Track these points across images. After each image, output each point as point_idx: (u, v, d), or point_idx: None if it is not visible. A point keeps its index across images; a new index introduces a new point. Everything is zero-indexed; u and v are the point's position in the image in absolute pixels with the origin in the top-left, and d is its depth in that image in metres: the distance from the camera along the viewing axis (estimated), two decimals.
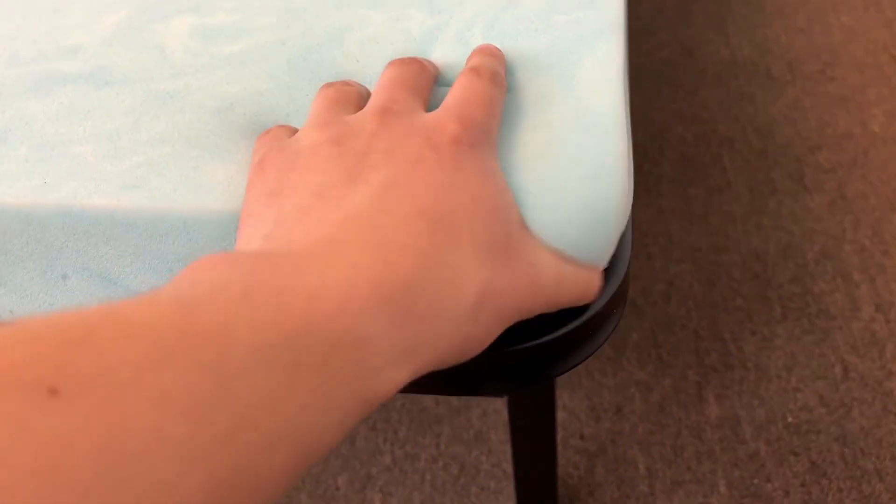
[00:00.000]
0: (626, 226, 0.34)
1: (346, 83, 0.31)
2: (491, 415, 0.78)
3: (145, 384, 0.15)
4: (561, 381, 0.80)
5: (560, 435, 0.76)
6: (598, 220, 0.29)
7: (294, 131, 0.30)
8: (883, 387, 0.78)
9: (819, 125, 1.09)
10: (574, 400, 0.79)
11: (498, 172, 0.26)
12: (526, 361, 0.32)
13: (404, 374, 0.20)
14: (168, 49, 0.39)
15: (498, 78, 0.29)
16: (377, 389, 0.19)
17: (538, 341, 0.31)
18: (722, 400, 0.78)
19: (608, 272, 0.32)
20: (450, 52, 0.35)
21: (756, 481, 0.72)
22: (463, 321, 0.22)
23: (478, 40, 0.36)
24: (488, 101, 0.28)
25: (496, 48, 0.33)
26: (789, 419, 0.76)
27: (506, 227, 0.24)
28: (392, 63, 0.30)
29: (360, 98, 0.30)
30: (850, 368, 0.80)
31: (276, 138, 0.28)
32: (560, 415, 0.78)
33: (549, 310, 0.26)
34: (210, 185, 0.31)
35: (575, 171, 0.28)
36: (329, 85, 0.31)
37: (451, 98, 0.28)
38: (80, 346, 0.15)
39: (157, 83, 0.36)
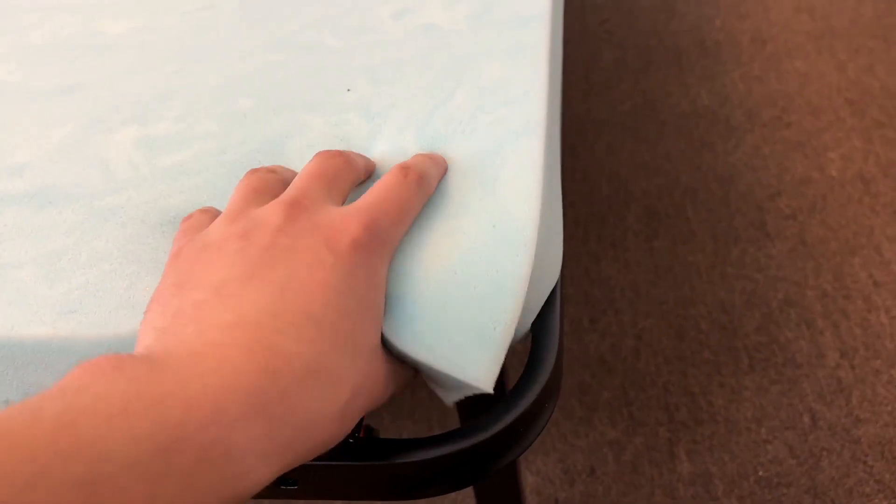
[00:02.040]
0: (554, 321, 0.35)
1: (271, 170, 0.31)
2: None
3: (20, 502, 0.16)
4: (534, 445, 0.81)
5: (535, 501, 0.76)
6: (480, 343, 0.28)
7: (216, 215, 0.30)
8: (851, 434, 0.78)
9: (778, 171, 1.11)
10: (547, 464, 0.79)
11: (384, 276, 0.27)
12: (464, 461, 0.32)
13: (270, 473, 0.21)
14: (112, 163, 0.40)
15: (423, 181, 0.30)
16: (242, 491, 0.20)
17: (473, 441, 0.32)
18: (693, 456, 0.78)
19: (533, 368, 0.33)
20: (386, 157, 0.37)
21: None
22: (332, 421, 0.23)
23: (410, 144, 0.37)
24: (402, 206, 0.29)
25: (433, 154, 0.34)
26: (760, 473, 0.76)
27: (377, 333, 0.26)
28: (317, 155, 0.31)
29: (281, 185, 0.30)
30: (818, 417, 0.80)
31: (193, 228, 0.29)
32: (534, 479, 0.78)
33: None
34: (144, 303, 0.31)
35: (472, 288, 0.29)
36: (254, 171, 0.31)
37: (368, 196, 0.28)
38: None
39: (99, 199, 0.38)
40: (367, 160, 0.34)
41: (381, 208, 0.28)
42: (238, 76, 0.45)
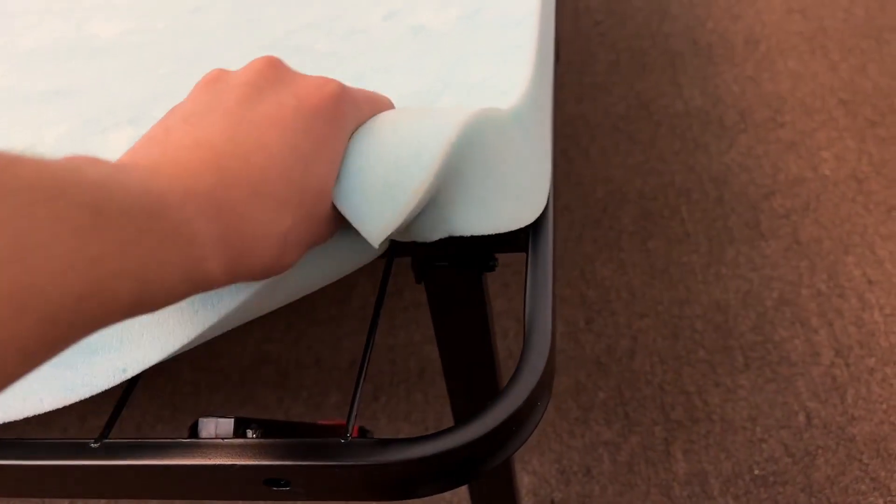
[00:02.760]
0: (549, 324, 0.35)
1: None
2: (461, 487, 0.78)
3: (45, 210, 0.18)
4: (530, 445, 0.81)
5: (531, 501, 0.76)
6: (383, 201, 0.29)
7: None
8: (846, 433, 0.79)
9: (772, 171, 1.12)
10: (544, 464, 0.79)
11: (344, 137, 0.29)
12: (456, 461, 0.33)
13: (221, 271, 0.24)
14: None
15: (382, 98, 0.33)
16: (199, 275, 0.23)
17: (465, 441, 0.32)
18: (689, 455, 0.79)
19: (525, 367, 0.33)
20: None
21: None
22: (273, 245, 0.26)
23: None
24: (375, 98, 0.32)
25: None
26: (756, 471, 0.76)
27: (327, 180, 0.28)
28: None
29: None
30: (812, 415, 0.80)
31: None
32: (530, 480, 0.78)
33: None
34: None
35: (395, 150, 0.30)
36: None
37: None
38: None
39: None
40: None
41: (357, 90, 0.31)
42: None
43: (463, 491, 0.77)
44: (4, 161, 0.18)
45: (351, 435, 0.32)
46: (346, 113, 0.29)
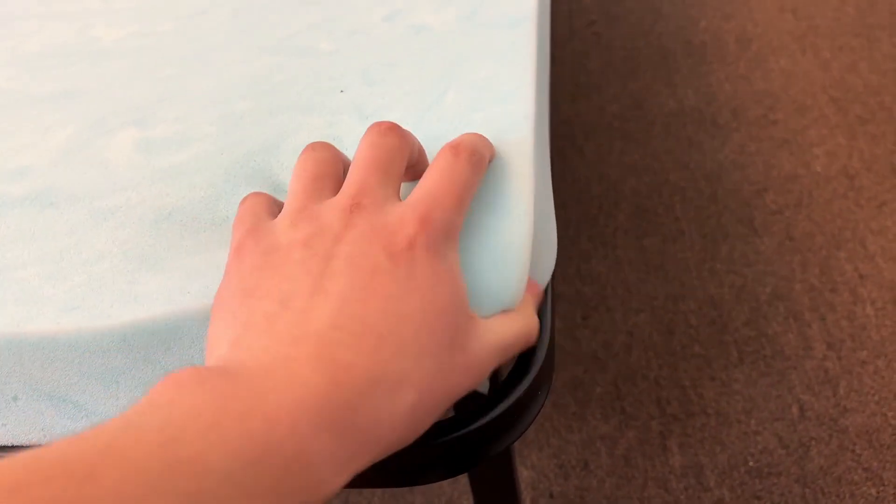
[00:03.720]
0: (544, 315, 0.36)
1: (326, 147, 0.31)
2: (461, 480, 0.79)
3: None
4: (528, 440, 0.82)
5: (530, 495, 0.77)
6: (504, 274, 0.30)
7: (271, 203, 0.31)
8: (838, 424, 0.80)
9: (765, 168, 1.13)
10: (542, 458, 0.80)
11: (452, 268, 0.27)
12: (459, 449, 0.34)
13: (345, 477, 0.23)
14: (112, 164, 0.41)
15: (475, 157, 0.30)
16: (321, 496, 0.22)
17: (468, 429, 0.33)
18: (685, 448, 0.80)
19: (526, 357, 0.34)
20: None
21: None
22: (400, 423, 0.24)
23: None
24: (459, 187, 0.28)
25: (480, 134, 0.33)
26: (750, 463, 0.78)
27: (452, 325, 0.26)
28: (369, 131, 0.30)
29: (340, 164, 0.30)
30: (806, 408, 0.82)
31: (254, 217, 0.29)
32: (529, 474, 0.79)
33: (500, 362, 0.29)
34: (145, 296, 0.32)
35: (483, 249, 0.31)
36: (311, 149, 0.31)
37: (421, 187, 0.28)
38: (84, 482, 0.17)
39: (100, 199, 0.38)
40: (411, 135, 0.33)
41: (435, 198, 0.27)
42: (234, 80, 0.46)
43: (464, 485, 0.78)
44: (91, 459, 0.18)
45: None
46: (438, 241, 0.27)
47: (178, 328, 0.32)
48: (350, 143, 0.39)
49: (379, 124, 0.30)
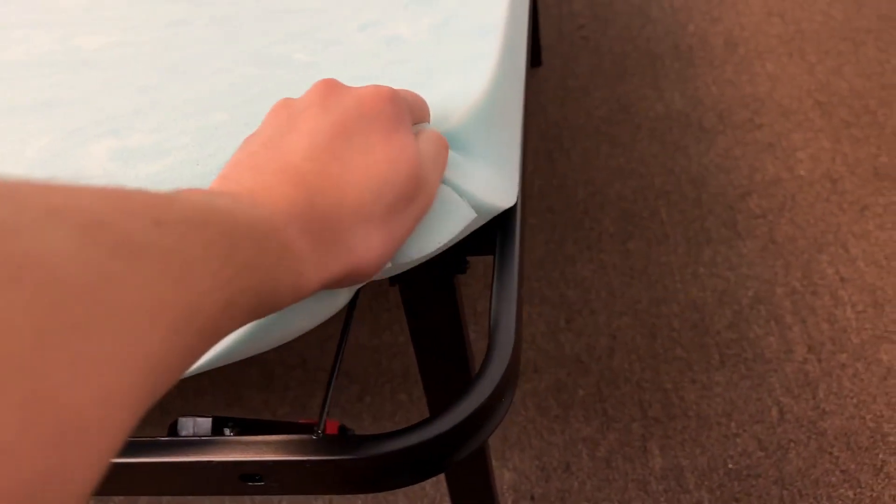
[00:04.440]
0: (512, 322, 0.36)
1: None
2: (443, 482, 0.80)
3: (196, 240, 0.21)
4: (511, 442, 0.83)
5: (511, 497, 0.78)
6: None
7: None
8: (817, 427, 0.81)
9: (749, 172, 1.14)
10: (524, 460, 0.81)
11: (407, 137, 0.31)
12: (423, 456, 0.34)
13: (322, 277, 0.27)
14: (87, 173, 0.41)
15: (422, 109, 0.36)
16: (301, 285, 0.26)
17: (430, 437, 0.33)
18: (665, 450, 0.81)
19: (490, 362, 0.35)
20: None
21: None
22: (363, 246, 0.29)
23: None
24: (422, 102, 0.35)
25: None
26: (730, 465, 0.79)
27: (407, 162, 0.30)
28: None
29: None
30: (785, 410, 0.83)
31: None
32: (510, 476, 0.80)
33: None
34: None
35: None
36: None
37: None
38: (170, 204, 0.21)
39: None
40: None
41: (407, 94, 0.34)
42: (211, 91, 0.46)
43: (445, 486, 0.79)
44: (162, 197, 0.21)
45: (323, 431, 0.34)
46: (402, 108, 0.32)
47: None
48: None
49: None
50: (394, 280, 0.45)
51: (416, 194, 0.31)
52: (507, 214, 0.41)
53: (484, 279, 1.00)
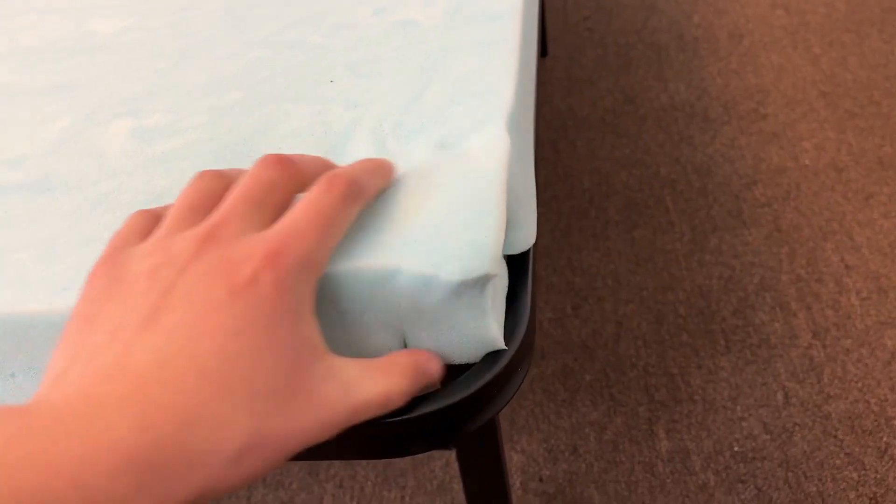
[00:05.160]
0: (527, 283, 0.37)
1: (219, 174, 0.30)
2: (453, 464, 0.80)
3: None
4: (519, 425, 0.83)
5: (519, 479, 0.79)
6: (474, 241, 0.30)
7: (152, 223, 0.30)
8: (822, 410, 0.81)
9: (754, 162, 1.15)
10: (532, 443, 0.82)
11: (301, 306, 0.26)
12: (441, 421, 0.35)
13: None
14: (106, 153, 0.42)
15: (353, 189, 0.29)
16: None
17: (446, 404, 0.34)
18: (672, 434, 0.81)
19: (508, 331, 0.36)
20: (365, 145, 0.39)
21: None
22: (222, 469, 0.22)
23: (388, 133, 0.40)
24: (324, 221, 0.27)
25: (379, 160, 0.33)
26: (735, 448, 0.79)
27: (292, 366, 0.25)
28: (258, 162, 0.30)
29: (225, 195, 0.29)
30: (790, 395, 0.83)
31: (122, 241, 0.29)
32: (519, 458, 0.81)
33: (350, 424, 0.27)
34: None
35: (456, 212, 0.32)
36: (200, 176, 0.30)
37: (284, 218, 0.27)
38: None
39: (94, 186, 0.40)
40: (327, 163, 0.32)
41: (295, 230, 0.27)
42: (225, 73, 0.47)
43: (455, 469, 0.80)
44: None
45: None
46: (287, 277, 0.25)
47: None
48: (339, 130, 0.40)
49: (266, 157, 0.30)
50: None
51: (305, 381, 0.25)
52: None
53: None
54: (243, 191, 0.28)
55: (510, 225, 0.35)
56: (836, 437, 0.79)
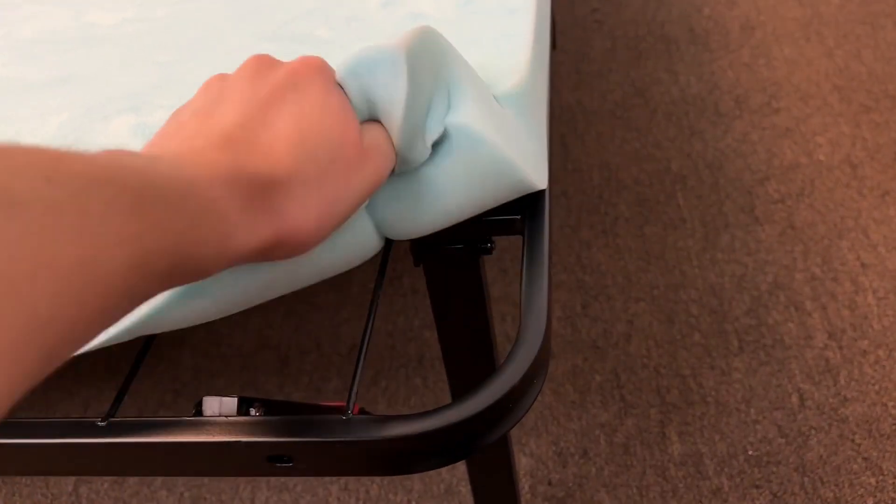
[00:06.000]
0: (544, 303, 0.36)
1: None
2: (460, 467, 0.79)
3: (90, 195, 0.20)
4: (527, 427, 0.82)
5: (528, 482, 0.77)
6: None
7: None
8: (838, 413, 0.80)
9: (767, 157, 1.13)
10: (541, 446, 0.80)
11: (341, 104, 0.31)
12: (454, 437, 0.33)
13: (252, 239, 0.26)
14: (107, 149, 0.41)
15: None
16: (231, 247, 0.25)
17: (461, 419, 0.33)
18: (684, 437, 0.80)
19: (522, 345, 0.34)
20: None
21: None
22: (301, 207, 0.28)
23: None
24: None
25: None
26: (750, 452, 0.78)
27: (343, 127, 0.30)
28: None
29: None
30: (806, 397, 0.82)
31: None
32: (528, 462, 0.79)
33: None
34: None
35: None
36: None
37: None
38: (60, 159, 0.20)
39: None
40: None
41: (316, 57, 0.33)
42: (230, 67, 0.45)
43: (463, 472, 0.79)
44: (59, 153, 0.20)
45: (352, 412, 0.33)
46: (333, 77, 0.32)
47: None
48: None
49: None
50: (418, 260, 0.44)
51: (359, 160, 0.30)
52: (536, 195, 0.40)
53: (499, 264, 0.99)
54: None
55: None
56: (853, 440, 0.78)
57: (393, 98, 0.32)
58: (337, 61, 0.33)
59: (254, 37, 0.48)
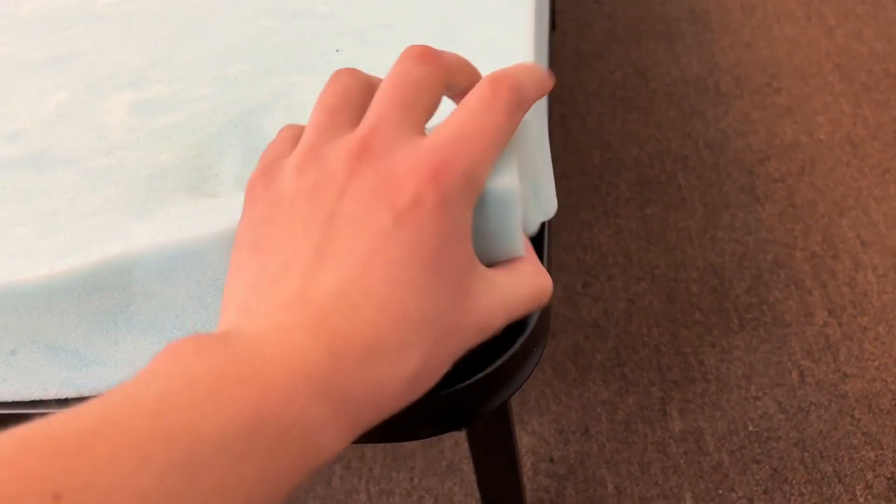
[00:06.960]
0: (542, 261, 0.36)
1: (353, 75, 0.29)
2: (462, 444, 0.79)
3: (129, 485, 0.18)
4: (529, 405, 0.82)
5: (530, 460, 0.78)
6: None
7: (298, 135, 0.29)
8: (838, 390, 0.80)
9: (768, 136, 1.12)
10: (542, 424, 0.81)
11: (462, 227, 0.25)
12: (454, 404, 0.34)
13: (344, 443, 0.23)
14: (106, 126, 0.41)
15: (516, 97, 0.26)
16: (319, 459, 0.22)
17: (460, 385, 0.33)
18: (685, 413, 0.80)
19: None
20: None
21: (721, 491, 0.74)
22: (403, 389, 0.24)
23: None
24: (487, 136, 0.25)
25: (536, 66, 0.29)
26: (750, 428, 0.78)
27: (457, 287, 0.25)
28: (402, 55, 0.27)
29: (366, 93, 0.28)
30: (806, 374, 0.82)
31: (273, 153, 0.28)
32: (529, 439, 0.80)
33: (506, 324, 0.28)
34: (139, 236, 0.32)
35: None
36: (337, 78, 0.28)
37: (444, 128, 0.25)
38: (77, 456, 0.18)
39: (94, 160, 0.39)
40: (454, 55, 0.28)
41: (457, 145, 0.25)
42: (229, 43, 0.45)
43: (465, 450, 0.79)
44: (72, 448, 0.18)
45: None
46: (451, 198, 0.24)
47: (173, 258, 0.32)
48: None
49: (412, 48, 0.27)
50: None
51: (467, 300, 0.25)
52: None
53: None
54: (391, 94, 0.26)
55: (531, 197, 0.34)
56: (852, 416, 0.78)
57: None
58: (334, 35, 0.32)
59: (253, 13, 0.48)
